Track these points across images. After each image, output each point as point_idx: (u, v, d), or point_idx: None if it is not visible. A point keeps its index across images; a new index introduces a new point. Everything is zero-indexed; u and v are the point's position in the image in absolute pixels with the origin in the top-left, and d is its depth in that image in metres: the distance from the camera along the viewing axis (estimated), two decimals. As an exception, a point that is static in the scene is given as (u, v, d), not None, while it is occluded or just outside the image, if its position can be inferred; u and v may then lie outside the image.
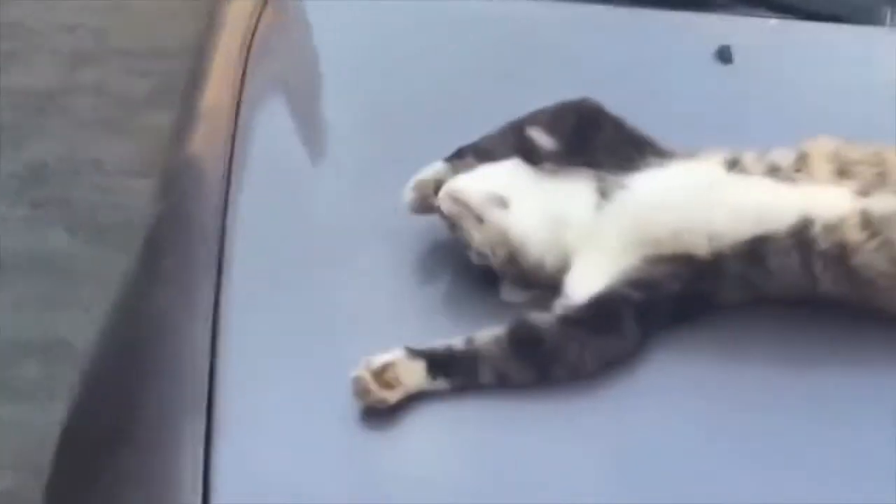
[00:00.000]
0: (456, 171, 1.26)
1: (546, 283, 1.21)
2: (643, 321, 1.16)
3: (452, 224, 1.22)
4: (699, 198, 1.19)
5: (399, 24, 1.68)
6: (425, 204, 1.26)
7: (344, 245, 1.32)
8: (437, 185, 1.26)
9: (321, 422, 1.13)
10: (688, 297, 1.18)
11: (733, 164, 1.21)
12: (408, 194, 1.27)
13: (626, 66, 1.60)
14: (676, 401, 1.16)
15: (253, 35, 1.64)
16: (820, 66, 1.67)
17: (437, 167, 1.27)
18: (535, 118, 1.26)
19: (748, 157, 1.22)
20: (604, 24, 1.69)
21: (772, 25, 1.73)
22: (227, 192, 1.36)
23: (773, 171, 1.20)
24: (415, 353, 1.13)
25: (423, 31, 1.66)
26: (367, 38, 1.65)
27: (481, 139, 1.28)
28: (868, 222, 1.17)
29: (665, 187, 1.20)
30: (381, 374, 1.11)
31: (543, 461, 1.10)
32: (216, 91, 1.61)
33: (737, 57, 1.59)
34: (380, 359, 1.12)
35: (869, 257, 1.17)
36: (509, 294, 1.22)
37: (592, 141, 1.24)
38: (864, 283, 1.18)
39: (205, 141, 1.54)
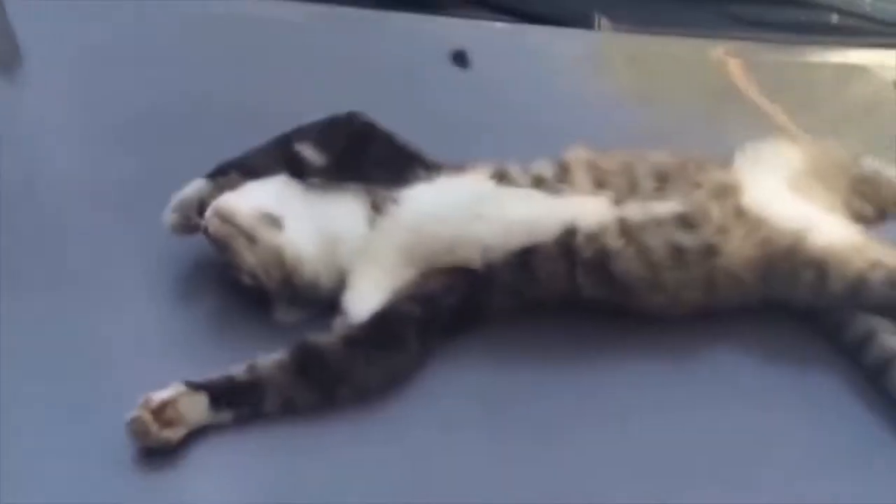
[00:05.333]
0: (219, 188, 1.17)
1: (321, 302, 1.15)
2: (424, 336, 1.12)
3: (221, 246, 1.14)
4: (471, 211, 1.16)
5: (125, 23, 1.57)
6: (188, 225, 1.16)
7: (94, 267, 1.20)
8: (201, 205, 1.16)
9: (95, 468, 1.02)
10: (463, 309, 1.15)
11: (501, 177, 1.18)
12: (168, 216, 1.16)
13: (365, 68, 1.56)
14: (456, 411, 1.13)
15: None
16: (545, 68, 1.70)
17: (198, 185, 1.18)
18: (303, 133, 1.19)
19: (514, 170, 1.20)
20: (341, 25, 1.64)
21: (499, 28, 1.74)
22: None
23: (539, 183, 1.19)
24: (195, 387, 1.04)
25: (154, 31, 1.55)
26: (88, 39, 1.53)
27: (245, 154, 1.19)
28: (625, 230, 1.18)
29: (438, 201, 1.16)
30: (161, 413, 1.02)
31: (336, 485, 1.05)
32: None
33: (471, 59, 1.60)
34: (158, 395, 1.02)
35: (627, 263, 1.18)
36: (283, 315, 1.14)
37: (362, 156, 1.18)
38: (622, 287, 1.18)
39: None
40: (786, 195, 1.32)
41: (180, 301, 1.20)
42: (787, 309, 1.27)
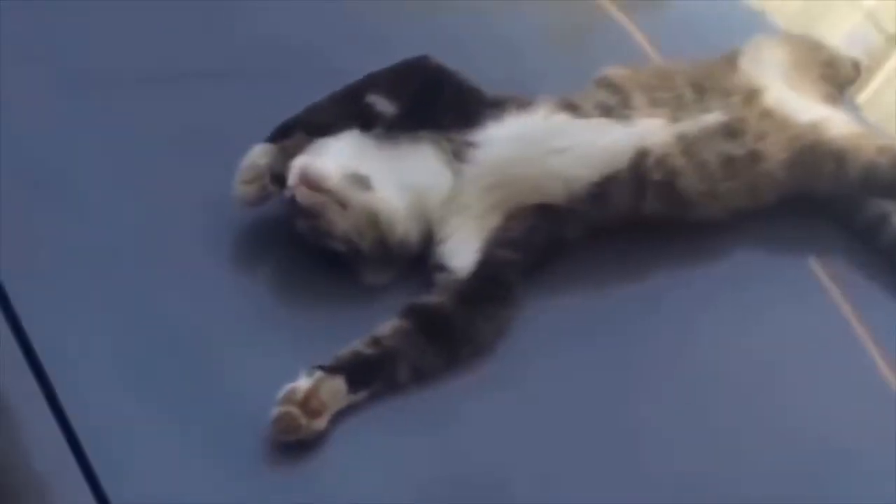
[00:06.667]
0: (286, 151, 1.09)
1: (410, 259, 1.10)
2: (523, 279, 1.10)
3: (313, 214, 1.06)
4: (552, 147, 1.12)
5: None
6: (264, 195, 1.08)
7: (145, 241, 1.09)
8: (273, 172, 1.09)
9: (227, 465, 0.96)
10: (547, 246, 1.13)
11: (573, 109, 1.15)
12: (240, 188, 1.07)
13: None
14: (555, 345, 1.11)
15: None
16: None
17: (263, 150, 1.08)
18: (374, 83, 1.11)
19: (580, 101, 1.17)
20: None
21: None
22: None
23: (606, 111, 1.17)
24: (331, 370, 0.98)
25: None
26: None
27: (307, 111, 1.11)
28: (685, 148, 1.18)
29: (518, 141, 1.11)
30: (306, 404, 0.96)
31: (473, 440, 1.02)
32: None
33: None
34: (301, 387, 0.96)
35: (689, 179, 1.18)
36: (373, 277, 1.09)
37: (433, 102, 1.11)
38: (684, 202, 1.19)
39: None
40: (788, 91, 1.35)
41: (245, 275, 1.12)
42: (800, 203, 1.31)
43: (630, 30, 1.55)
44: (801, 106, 1.33)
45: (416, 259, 1.11)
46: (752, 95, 1.29)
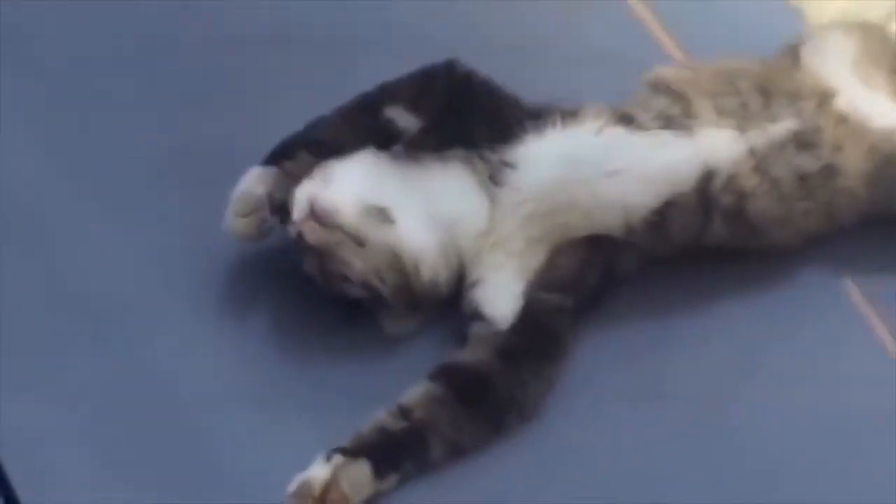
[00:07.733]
0: (288, 176, 0.91)
1: (438, 304, 0.93)
2: (575, 326, 0.93)
3: (324, 254, 0.89)
4: (606, 167, 0.95)
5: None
6: (262, 229, 0.91)
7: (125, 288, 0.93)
8: (273, 201, 0.90)
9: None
10: (603, 283, 0.96)
11: (629, 121, 0.97)
12: (234, 221, 0.91)
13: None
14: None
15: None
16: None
17: (260, 175, 0.92)
18: (392, 94, 0.94)
19: (637, 111, 0.99)
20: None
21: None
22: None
23: (668, 122, 0.99)
24: (353, 454, 0.82)
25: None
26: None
27: (312, 128, 0.94)
28: (756, 164, 1.01)
29: (565, 160, 0.94)
30: (325, 497, 0.79)
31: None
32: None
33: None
34: (318, 477, 0.79)
35: (762, 202, 1.02)
36: (397, 326, 0.93)
37: (464, 114, 0.94)
38: (753, 227, 1.02)
39: None
40: (863, 90, 1.18)
41: (243, 322, 0.96)
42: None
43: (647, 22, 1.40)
44: (879, 109, 1.16)
45: (446, 303, 0.94)
46: (824, 98, 1.12)
